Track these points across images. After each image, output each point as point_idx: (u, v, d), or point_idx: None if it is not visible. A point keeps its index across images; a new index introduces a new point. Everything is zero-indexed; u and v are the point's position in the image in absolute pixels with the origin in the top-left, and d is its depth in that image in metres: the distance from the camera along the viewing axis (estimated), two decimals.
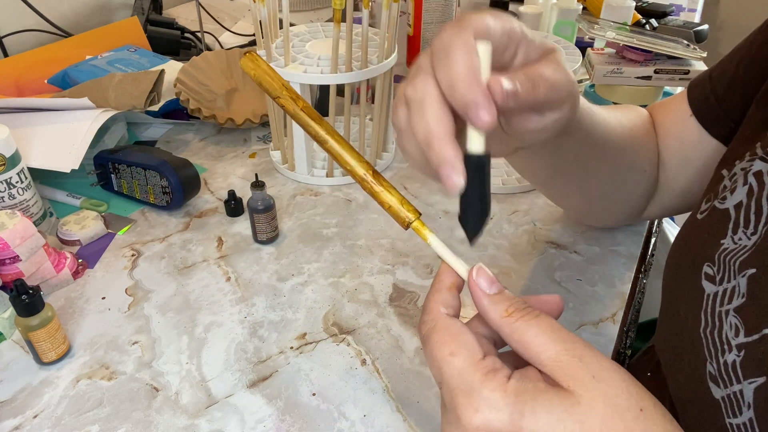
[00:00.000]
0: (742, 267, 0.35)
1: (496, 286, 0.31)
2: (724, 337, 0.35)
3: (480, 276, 0.31)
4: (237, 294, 0.57)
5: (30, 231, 0.54)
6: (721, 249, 0.37)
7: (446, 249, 0.34)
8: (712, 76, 0.51)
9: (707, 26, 1.03)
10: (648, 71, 0.85)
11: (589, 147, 0.49)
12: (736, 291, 0.35)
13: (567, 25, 1.00)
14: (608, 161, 0.52)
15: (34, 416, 0.46)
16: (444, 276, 0.33)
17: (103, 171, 0.70)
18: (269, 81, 0.38)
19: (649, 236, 0.65)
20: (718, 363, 0.35)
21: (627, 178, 0.55)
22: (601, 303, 0.56)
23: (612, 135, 0.50)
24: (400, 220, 0.34)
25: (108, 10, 1.16)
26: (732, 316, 0.35)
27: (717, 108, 0.50)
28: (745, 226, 0.37)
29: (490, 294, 0.31)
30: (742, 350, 0.33)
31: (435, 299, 0.32)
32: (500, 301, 0.30)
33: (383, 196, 0.34)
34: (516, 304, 0.30)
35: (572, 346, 0.28)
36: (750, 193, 0.37)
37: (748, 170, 0.38)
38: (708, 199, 0.41)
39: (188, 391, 0.48)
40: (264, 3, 0.64)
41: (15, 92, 0.88)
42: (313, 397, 0.47)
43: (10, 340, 0.52)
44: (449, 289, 0.33)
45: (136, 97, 0.75)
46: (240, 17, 1.25)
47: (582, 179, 0.55)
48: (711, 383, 0.35)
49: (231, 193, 0.66)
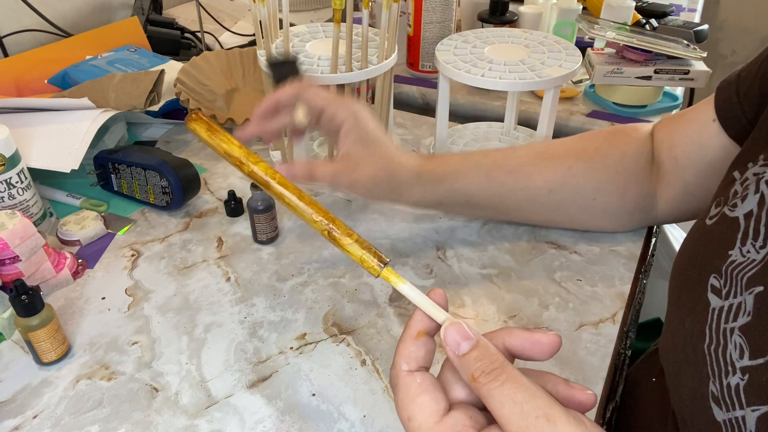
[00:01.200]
0: (749, 283, 0.34)
1: (468, 343, 0.29)
2: (728, 357, 0.34)
3: (448, 334, 0.30)
4: (237, 294, 0.57)
5: (30, 231, 0.54)
6: (729, 261, 0.36)
7: (420, 295, 0.33)
8: (740, 76, 0.49)
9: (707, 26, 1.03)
10: (648, 71, 0.85)
11: (494, 188, 0.58)
12: (742, 308, 0.34)
13: (567, 25, 1.00)
14: (537, 192, 0.58)
15: (33, 416, 0.46)
16: (412, 323, 0.32)
17: (103, 171, 0.70)
18: (227, 144, 0.39)
19: (650, 236, 0.65)
20: (721, 384, 0.34)
21: (576, 194, 0.58)
22: (601, 303, 0.56)
23: (525, 170, 0.58)
24: (369, 267, 0.35)
25: (108, 10, 1.16)
26: (737, 335, 0.34)
27: (737, 107, 0.48)
28: (754, 238, 0.35)
29: (458, 355, 0.30)
30: (746, 374, 0.32)
31: (399, 352, 0.31)
32: (469, 363, 0.29)
33: (350, 248, 0.35)
34: (484, 366, 0.29)
35: (534, 423, 0.27)
36: (761, 203, 0.36)
37: (760, 177, 0.37)
38: (718, 203, 0.40)
39: (188, 391, 0.48)
40: (264, 3, 0.64)
41: (15, 92, 0.88)
42: (312, 398, 0.47)
43: (9, 340, 0.52)
44: (416, 338, 0.32)
45: (136, 97, 0.75)
46: (240, 17, 1.25)
47: (527, 212, 0.61)
48: (713, 404, 0.35)
49: (231, 193, 0.66)
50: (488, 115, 0.94)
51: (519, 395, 0.27)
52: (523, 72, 0.65)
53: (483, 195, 0.58)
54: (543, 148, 0.60)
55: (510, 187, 0.58)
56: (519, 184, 0.58)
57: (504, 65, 0.67)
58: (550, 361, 0.50)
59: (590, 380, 0.48)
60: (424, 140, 0.83)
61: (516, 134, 0.80)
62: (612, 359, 0.50)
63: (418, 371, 0.31)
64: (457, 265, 0.60)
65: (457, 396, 0.30)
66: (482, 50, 0.70)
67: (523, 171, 0.58)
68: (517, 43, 0.72)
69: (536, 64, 0.67)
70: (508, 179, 0.58)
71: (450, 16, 0.95)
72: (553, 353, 0.30)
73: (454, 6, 0.95)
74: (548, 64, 0.67)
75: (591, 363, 0.50)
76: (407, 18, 0.97)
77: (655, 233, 0.72)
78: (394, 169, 0.55)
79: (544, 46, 0.71)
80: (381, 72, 0.67)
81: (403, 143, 0.82)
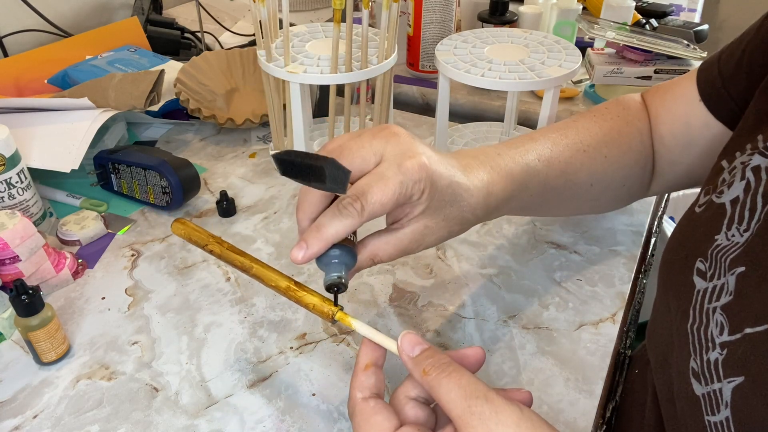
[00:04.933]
0: (732, 264, 0.35)
1: (420, 347, 0.35)
2: (710, 334, 0.35)
3: (404, 341, 0.35)
4: (237, 294, 0.57)
5: (30, 231, 0.54)
6: (715, 245, 0.37)
7: (371, 329, 0.38)
8: (720, 59, 0.50)
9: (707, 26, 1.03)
10: (648, 71, 0.85)
11: (547, 194, 0.52)
12: (725, 289, 0.35)
13: (567, 25, 1.00)
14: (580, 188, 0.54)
15: (33, 416, 0.46)
16: (360, 358, 0.37)
17: (103, 171, 0.70)
18: (197, 234, 0.45)
19: (649, 236, 0.65)
20: (702, 360, 0.35)
21: (611, 183, 0.55)
22: (601, 303, 0.56)
23: (572, 167, 0.52)
24: (324, 316, 0.39)
25: (108, 10, 1.16)
26: (719, 314, 0.35)
27: (723, 91, 0.49)
28: (738, 223, 0.36)
29: (412, 357, 0.35)
30: (725, 349, 0.34)
31: (352, 384, 0.36)
32: (421, 362, 0.34)
33: (306, 299, 0.40)
34: (434, 362, 0.34)
35: (475, 403, 0.31)
36: (747, 189, 0.37)
37: (746, 164, 0.38)
38: (707, 192, 0.41)
39: (188, 391, 0.48)
40: (264, 3, 0.64)
41: (15, 92, 0.88)
42: (312, 398, 0.47)
43: (9, 340, 0.52)
44: (365, 370, 0.36)
45: (136, 97, 0.75)
46: (240, 17, 1.25)
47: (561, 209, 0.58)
48: (693, 380, 0.36)
49: (223, 193, 0.66)
50: (488, 115, 0.94)
51: (463, 381, 0.32)
52: (523, 72, 0.65)
53: (536, 202, 0.52)
54: (576, 138, 0.53)
55: (561, 189, 0.52)
56: (568, 184, 0.52)
57: (504, 65, 0.67)
58: (550, 361, 0.50)
59: (590, 380, 0.48)
60: (424, 140, 0.82)
61: (516, 134, 0.80)
62: (612, 359, 0.50)
63: (371, 397, 0.35)
64: (457, 265, 0.60)
65: (406, 416, 0.35)
66: (482, 50, 0.70)
67: (571, 169, 0.52)
68: (517, 43, 0.72)
69: (536, 64, 0.67)
70: (559, 182, 0.52)
71: (450, 16, 0.95)
72: (480, 364, 0.37)
73: (454, 6, 0.95)
74: (548, 64, 0.67)
75: (591, 363, 0.50)
76: (407, 18, 0.97)
77: (655, 233, 0.72)
78: (466, 218, 0.44)
79: (544, 46, 0.71)
80: (381, 72, 0.67)
81: None
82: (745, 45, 0.47)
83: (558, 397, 0.47)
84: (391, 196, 0.38)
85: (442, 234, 0.43)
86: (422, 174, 0.39)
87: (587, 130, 0.54)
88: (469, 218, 0.44)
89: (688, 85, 0.52)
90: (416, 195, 0.40)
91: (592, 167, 0.52)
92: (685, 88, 0.53)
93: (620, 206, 0.61)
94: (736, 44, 0.49)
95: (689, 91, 0.52)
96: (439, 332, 0.53)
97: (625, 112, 0.56)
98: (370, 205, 0.38)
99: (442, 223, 0.43)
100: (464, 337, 0.52)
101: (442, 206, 0.42)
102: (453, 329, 0.53)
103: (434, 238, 0.43)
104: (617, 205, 0.60)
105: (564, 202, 0.54)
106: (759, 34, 0.46)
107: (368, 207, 0.38)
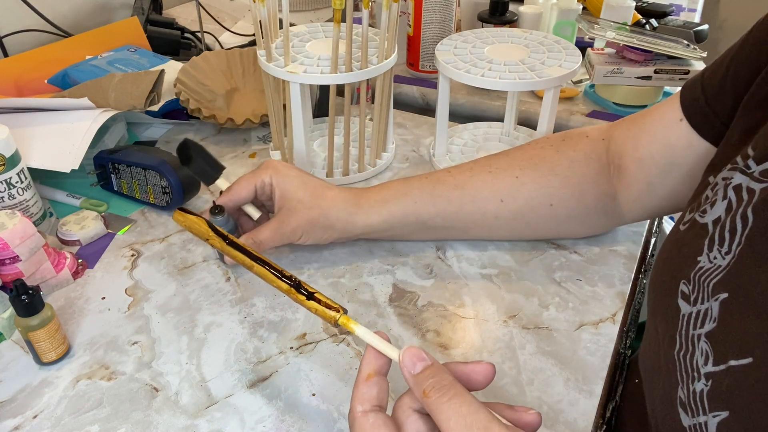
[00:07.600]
0: (715, 289, 0.34)
1: (422, 363, 0.34)
2: (695, 363, 0.34)
3: (405, 356, 0.35)
4: (237, 294, 0.57)
5: (30, 231, 0.54)
6: (697, 267, 0.36)
7: (374, 336, 0.37)
8: (704, 77, 0.49)
9: (707, 26, 1.03)
10: (648, 71, 0.85)
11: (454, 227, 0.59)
12: (709, 315, 0.34)
13: (567, 25, 1.00)
14: (489, 202, 0.58)
15: (33, 416, 0.46)
16: (362, 366, 0.37)
17: (103, 171, 0.70)
18: (197, 227, 0.46)
19: (649, 236, 0.65)
20: (688, 390, 0.35)
21: (531, 201, 0.57)
22: (601, 303, 0.56)
23: (472, 186, 0.58)
24: (328, 318, 0.39)
25: (108, 10, 1.16)
26: (703, 342, 0.34)
27: (706, 108, 0.48)
28: (720, 244, 0.35)
29: (413, 374, 0.34)
30: (710, 380, 0.33)
31: (353, 396, 0.36)
32: (422, 381, 0.33)
33: (308, 303, 0.40)
34: (436, 383, 0.33)
35: None
36: (728, 209, 0.36)
37: (728, 183, 0.37)
38: (691, 209, 0.40)
39: (188, 391, 0.48)
40: (264, 3, 0.64)
41: (15, 92, 0.88)
42: (312, 398, 0.47)
43: (9, 340, 0.52)
44: (367, 380, 0.36)
45: (136, 97, 0.75)
46: (240, 17, 1.25)
47: (510, 234, 0.61)
48: (681, 409, 0.35)
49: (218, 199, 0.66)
50: (488, 115, 0.94)
51: (464, 409, 0.31)
52: (523, 72, 0.65)
53: (432, 213, 0.57)
54: (487, 162, 0.59)
55: (458, 202, 0.57)
56: (466, 198, 0.57)
57: (504, 65, 0.67)
58: (550, 361, 0.50)
59: (590, 380, 0.48)
60: (424, 140, 0.83)
61: (516, 134, 0.81)
62: (612, 359, 0.50)
63: (372, 411, 0.35)
64: (456, 265, 0.60)
65: (408, 430, 0.34)
66: (482, 50, 0.70)
67: (470, 185, 0.57)
68: (517, 43, 0.72)
69: (536, 64, 0.67)
70: (453, 194, 0.57)
71: (450, 16, 0.95)
72: (489, 380, 0.36)
73: (454, 6, 0.95)
74: (548, 64, 0.67)
75: (591, 363, 0.50)
76: (407, 18, 0.97)
77: (655, 233, 0.72)
78: (326, 205, 0.56)
79: (544, 46, 0.71)
80: (381, 72, 0.67)
81: (403, 143, 0.82)
82: (729, 60, 0.47)
83: (558, 397, 0.47)
84: (243, 184, 0.57)
85: (302, 215, 0.56)
86: (270, 164, 0.58)
87: (506, 156, 0.60)
88: (329, 208, 0.56)
89: (668, 108, 0.52)
90: (266, 179, 0.57)
91: (497, 185, 0.57)
92: (665, 111, 0.53)
93: (575, 229, 0.61)
94: (719, 62, 0.48)
95: (670, 112, 0.52)
96: (439, 332, 0.53)
97: (561, 143, 0.59)
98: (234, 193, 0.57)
99: (299, 205, 0.56)
100: (464, 337, 0.52)
101: (289, 189, 0.56)
102: (453, 329, 0.53)
103: (297, 218, 0.56)
104: (565, 228, 0.60)
105: (479, 219, 0.58)
106: (743, 49, 0.45)
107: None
